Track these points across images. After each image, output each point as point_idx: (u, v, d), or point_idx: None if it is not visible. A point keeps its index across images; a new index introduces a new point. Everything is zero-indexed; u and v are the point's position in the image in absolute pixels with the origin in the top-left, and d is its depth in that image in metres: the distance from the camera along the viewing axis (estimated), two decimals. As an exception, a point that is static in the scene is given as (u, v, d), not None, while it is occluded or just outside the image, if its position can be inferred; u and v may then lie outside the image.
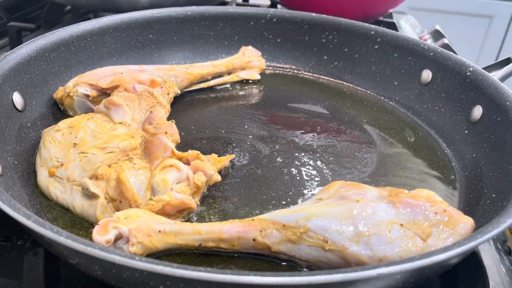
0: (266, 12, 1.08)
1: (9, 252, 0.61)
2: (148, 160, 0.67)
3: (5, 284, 0.57)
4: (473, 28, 2.43)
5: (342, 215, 0.56)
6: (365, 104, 0.98)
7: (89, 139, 0.69)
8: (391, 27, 1.29)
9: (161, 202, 0.60)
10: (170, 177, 0.63)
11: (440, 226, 0.55)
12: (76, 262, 0.49)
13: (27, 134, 0.74)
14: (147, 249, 0.56)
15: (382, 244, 0.53)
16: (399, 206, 0.56)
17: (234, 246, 0.57)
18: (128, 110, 0.74)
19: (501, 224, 0.50)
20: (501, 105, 0.75)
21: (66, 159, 0.67)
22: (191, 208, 0.64)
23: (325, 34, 1.05)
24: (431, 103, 0.91)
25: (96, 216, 0.61)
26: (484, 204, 0.66)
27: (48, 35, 0.85)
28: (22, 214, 0.48)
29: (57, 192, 0.66)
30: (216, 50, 1.09)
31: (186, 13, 1.05)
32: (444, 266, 0.53)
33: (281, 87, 1.04)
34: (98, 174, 0.63)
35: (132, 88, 0.76)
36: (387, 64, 1.00)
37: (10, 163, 0.67)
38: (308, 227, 0.55)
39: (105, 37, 0.96)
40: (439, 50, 0.92)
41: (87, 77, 0.84)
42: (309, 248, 0.56)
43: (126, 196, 0.61)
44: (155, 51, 1.04)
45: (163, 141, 0.68)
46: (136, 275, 0.44)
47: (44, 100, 0.82)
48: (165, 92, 0.80)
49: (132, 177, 0.63)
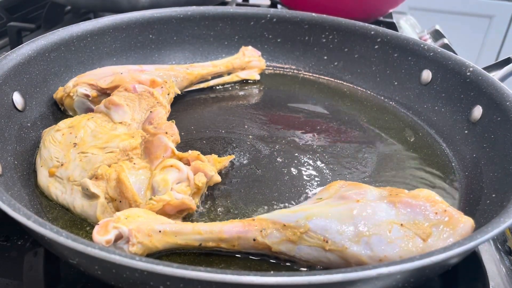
0: (266, 12, 1.08)
1: (9, 252, 0.61)
2: (148, 160, 0.67)
3: (5, 284, 0.57)
4: (473, 28, 2.43)
5: (342, 215, 0.56)
6: (365, 104, 0.98)
7: (89, 139, 0.69)
8: (391, 27, 1.29)
9: (161, 202, 0.60)
10: (171, 177, 0.63)
11: (440, 226, 0.55)
12: (76, 262, 0.49)
13: (27, 134, 0.74)
14: (147, 249, 0.56)
15: (382, 244, 0.53)
16: (399, 206, 0.56)
17: (234, 246, 0.57)
18: (128, 110, 0.74)
19: (501, 224, 0.50)
20: (501, 105, 0.75)
21: (66, 159, 0.67)
22: (191, 209, 0.64)
23: (325, 34, 1.05)
24: (431, 103, 0.91)
25: (97, 216, 0.61)
26: (484, 204, 0.66)
27: (48, 35, 0.85)
28: (22, 214, 0.48)
29: (58, 192, 0.66)
30: (216, 50, 1.09)
31: (186, 13, 1.05)
32: (444, 266, 0.53)
33: (281, 87, 1.04)
34: (98, 174, 0.63)
35: (132, 88, 0.76)
36: (387, 64, 1.00)
37: (10, 163, 0.67)
38: (308, 227, 0.55)
39: (105, 37, 0.96)
40: (439, 50, 0.92)
41: (87, 77, 0.84)
42: (309, 248, 0.56)
43: (126, 196, 0.61)
44: (155, 51, 1.04)
45: (164, 141, 0.68)
46: (136, 275, 0.44)
47: (44, 100, 0.82)
48: (166, 92, 0.80)
49: (132, 177, 0.63)
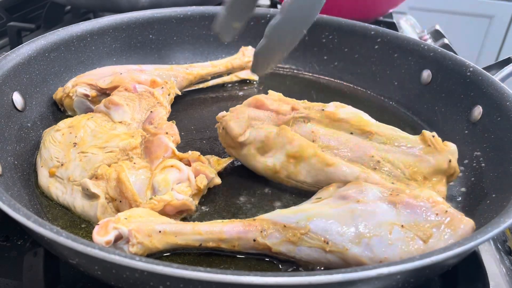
0: (266, 12, 1.08)
1: (9, 252, 0.61)
2: (148, 160, 0.67)
3: (5, 284, 0.57)
4: (473, 28, 2.43)
5: (343, 216, 0.56)
6: (365, 104, 0.98)
7: (89, 138, 0.69)
8: (391, 27, 1.29)
9: (162, 202, 0.60)
10: (171, 177, 0.63)
11: (441, 227, 0.54)
12: (76, 262, 0.49)
13: (27, 134, 0.74)
14: (147, 250, 0.56)
15: (383, 246, 0.53)
16: (400, 206, 0.56)
17: (235, 246, 0.57)
18: (128, 109, 0.74)
19: (501, 224, 0.50)
20: (501, 105, 0.75)
21: (66, 159, 0.67)
22: (190, 210, 0.64)
23: (325, 34, 1.05)
24: (431, 103, 0.91)
25: (97, 216, 0.61)
26: (484, 204, 0.66)
27: (48, 35, 0.85)
28: (22, 214, 0.48)
29: (58, 193, 0.66)
30: (216, 50, 1.09)
31: (186, 13, 1.05)
32: (444, 266, 0.53)
33: (281, 87, 1.03)
34: (98, 174, 0.63)
35: (132, 87, 0.76)
36: (387, 64, 1.00)
37: (10, 163, 0.67)
38: (309, 228, 0.55)
39: (105, 37, 0.96)
40: (439, 50, 0.92)
41: (86, 77, 0.84)
42: (310, 249, 0.55)
43: (126, 196, 0.61)
44: (155, 51, 1.04)
45: (164, 141, 0.68)
46: (136, 275, 0.44)
47: (44, 100, 0.82)
48: (166, 92, 0.80)
49: (132, 177, 0.63)
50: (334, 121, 0.70)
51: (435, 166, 0.65)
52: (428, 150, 0.66)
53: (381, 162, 0.66)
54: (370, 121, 0.70)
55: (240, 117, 0.70)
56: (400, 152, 0.67)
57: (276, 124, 0.70)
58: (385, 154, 0.66)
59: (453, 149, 0.66)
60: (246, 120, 0.70)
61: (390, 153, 0.67)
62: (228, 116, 0.71)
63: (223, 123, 0.71)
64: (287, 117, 0.70)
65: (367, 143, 0.68)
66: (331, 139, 0.68)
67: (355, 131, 0.69)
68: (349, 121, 0.69)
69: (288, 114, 0.70)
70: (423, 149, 0.66)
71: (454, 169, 0.66)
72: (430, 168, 0.65)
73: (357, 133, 0.69)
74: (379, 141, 0.68)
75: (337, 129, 0.69)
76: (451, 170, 0.66)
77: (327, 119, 0.70)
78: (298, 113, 0.70)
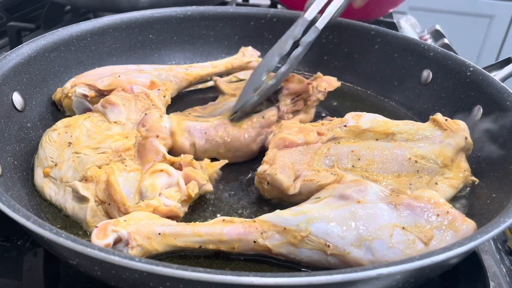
0: (266, 12, 1.08)
1: (9, 252, 0.61)
2: (140, 163, 0.67)
3: (5, 284, 0.57)
4: (473, 28, 2.42)
5: (343, 219, 0.55)
6: (365, 104, 0.98)
7: (84, 138, 0.68)
8: (391, 27, 1.29)
9: (149, 207, 0.60)
10: (159, 182, 0.62)
11: (442, 229, 0.54)
12: (76, 263, 0.49)
13: (27, 134, 0.74)
14: (147, 252, 0.55)
15: (384, 248, 0.53)
16: (400, 208, 0.56)
17: (234, 248, 0.57)
18: (124, 109, 0.73)
19: (501, 224, 0.50)
20: (501, 105, 0.75)
21: (61, 159, 0.66)
22: (178, 217, 0.62)
23: (325, 34, 1.04)
24: (431, 103, 0.91)
25: (87, 220, 0.61)
26: (484, 204, 0.66)
27: (48, 35, 0.84)
28: (21, 215, 0.48)
29: (51, 193, 0.65)
30: (216, 50, 1.09)
31: (186, 13, 1.05)
32: (444, 266, 0.53)
33: (281, 87, 1.03)
34: (88, 176, 0.62)
35: (129, 88, 0.76)
36: (387, 64, 1.00)
37: (10, 163, 0.67)
38: (310, 231, 0.55)
39: (105, 37, 0.96)
40: (439, 50, 0.92)
41: (85, 77, 0.84)
42: (310, 251, 0.55)
43: (114, 199, 0.60)
44: (155, 51, 1.04)
45: (155, 145, 0.67)
46: (136, 276, 0.44)
47: (44, 100, 0.82)
48: (162, 94, 0.80)
49: (122, 179, 0.62)
50: (358, 133, 0.71)
51: (456, 147, 0.70)
52: (446, 134, 0.70)
53: (418, 161, 0.67)
54: (388, 123, 0.72)
55: (284, 166, 0.67)
56: (427, 144, 0.69)
57: (313, 155, 0.69)
58: (416, 150, 0.68)
59: (465, 126, 0.72)
60: (291, 168, 0.67)
61: (419, 148, 0.69)
62: (271, 170, 0.66)
63: (267, 178, 0.66)
64: (317, 145, 0.70)
65: (397, 147, 0.69)
66: (369, 153, 0.68)
67: (380, 137, 0.71)
68: (372, 130, 0.71)
69: (317, 141, 0.71)
70: (442, 134, 0.70)
71: (470, 144, 0.71)
72: (453, 150, 0.69)
73: (382, 137, 0.71)
74: (403, 139, 0.70)
75: (363, 139, 0.71)
76: (468, 145, 0.71)
77: (351, 132, 0.71)
78: (326, 137, 0.71)
